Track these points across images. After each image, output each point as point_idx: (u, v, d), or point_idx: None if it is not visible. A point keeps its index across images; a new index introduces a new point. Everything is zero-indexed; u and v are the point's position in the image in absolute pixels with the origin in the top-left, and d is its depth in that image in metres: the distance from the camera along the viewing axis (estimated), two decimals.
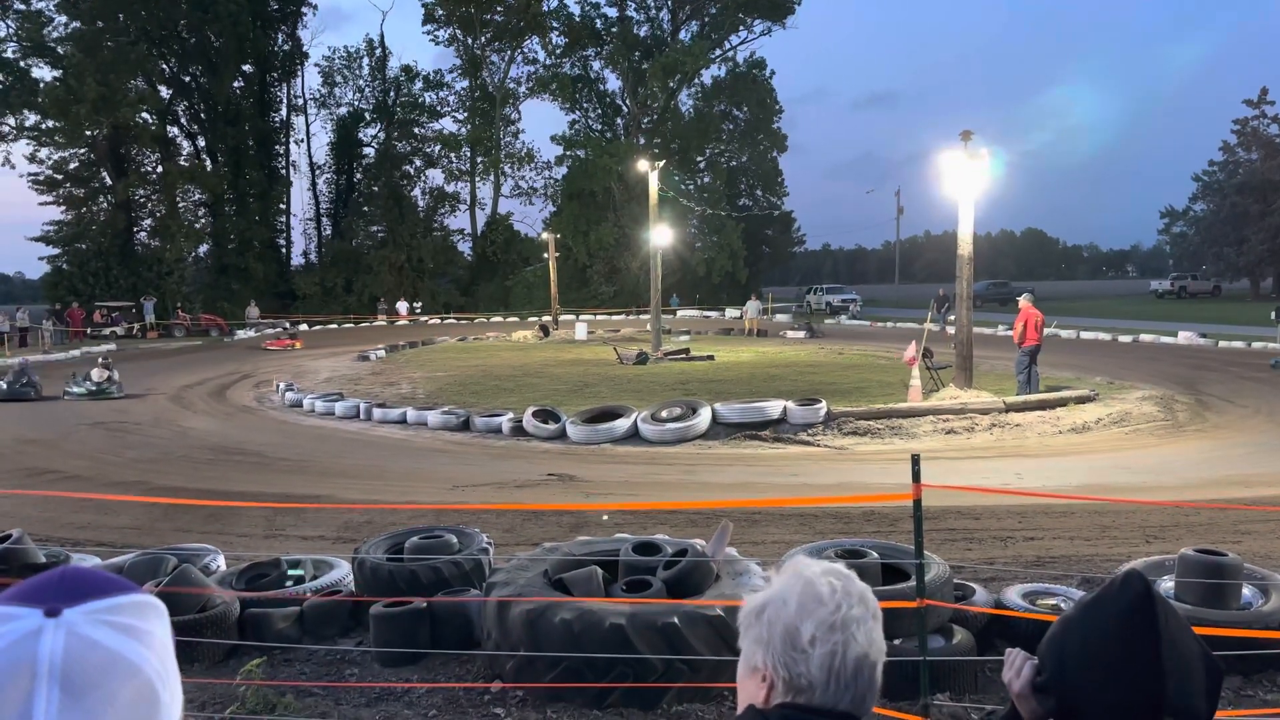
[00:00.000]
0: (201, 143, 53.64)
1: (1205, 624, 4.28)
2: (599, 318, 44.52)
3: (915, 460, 4.19)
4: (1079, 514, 8.23)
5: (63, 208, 47.42)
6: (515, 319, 45.98)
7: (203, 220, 52.62)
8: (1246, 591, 4.85)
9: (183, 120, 53.48)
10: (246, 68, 53.10)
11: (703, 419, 13.19)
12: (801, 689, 1.18)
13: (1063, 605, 4.96)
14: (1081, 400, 15.15)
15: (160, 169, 49.83)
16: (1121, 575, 1.30)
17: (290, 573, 5.85)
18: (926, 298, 33.19)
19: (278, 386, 19.43)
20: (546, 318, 39.27)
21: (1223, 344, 25.92)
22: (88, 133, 45.02)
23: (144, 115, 47.91)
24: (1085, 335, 29.89)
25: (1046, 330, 17.40)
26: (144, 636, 0.80)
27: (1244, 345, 25.29)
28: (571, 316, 41.84)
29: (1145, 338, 28.47)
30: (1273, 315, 29.38)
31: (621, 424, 13.33)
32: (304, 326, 43.57)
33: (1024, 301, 16.35)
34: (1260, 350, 24.31)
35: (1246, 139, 61.48)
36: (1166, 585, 4.86)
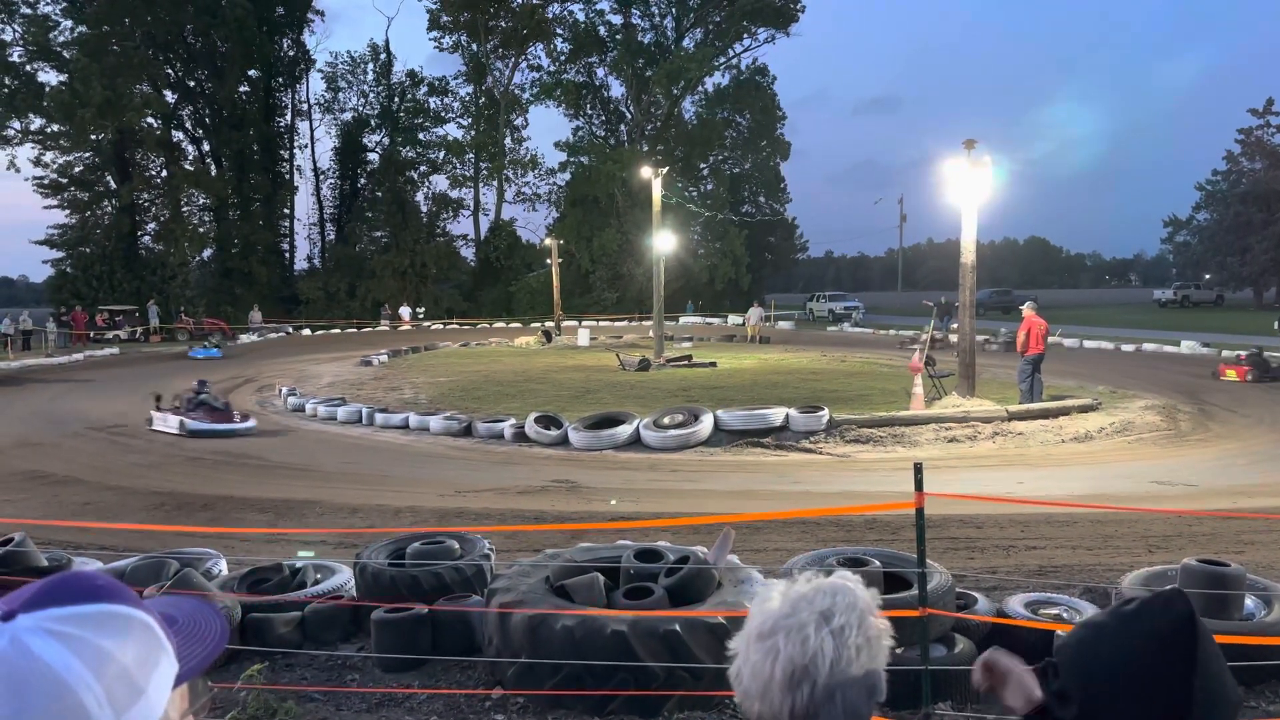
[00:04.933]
0: (206, 147, 53.94)
1: None
2: (602, 324, 44.53)
3: (918, 469, 4.19)
4: (1081, 523, 8.21)
5: (67, 211, 47.64)
6: (518, 325, 46.03)
7: (207, 224, 52.86)
8: (1249, 602, 4.84)
9: (188, 125, 53.78)
10: (252, 73, 53.35)
11: (705, 426, 13.16)
12: (743, 699, 1.13)
13: (1064, 615, 4.95)
14: (1084, 409, 15.12)
15: (165, 173, 50.02)
16: (1165, 594, 1.28)
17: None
18: (929, 306, 33.07)
19: (280, 391, 19.46)
20: (549, 324, 39.29)
21: (1226, 353, 25.81)
22: (93, 137, 45.24)
23: (149, 120, 48.11)
24: (1088, 344, 29.84)
25: (1050, 339, 17.38)
26: (89, 652, 0.75)
27: (1247, 355, 25.20)
28: (574, 322, 41.87)
29: (1148, 347, 28.39)
30: (1275, 325, 29.44)
31: (624, 430, 13.31)
32: (306, 331, 43.60)
33: (1027, 310, 16.30)
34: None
35: (1250, 148, 61.42)
36: None
